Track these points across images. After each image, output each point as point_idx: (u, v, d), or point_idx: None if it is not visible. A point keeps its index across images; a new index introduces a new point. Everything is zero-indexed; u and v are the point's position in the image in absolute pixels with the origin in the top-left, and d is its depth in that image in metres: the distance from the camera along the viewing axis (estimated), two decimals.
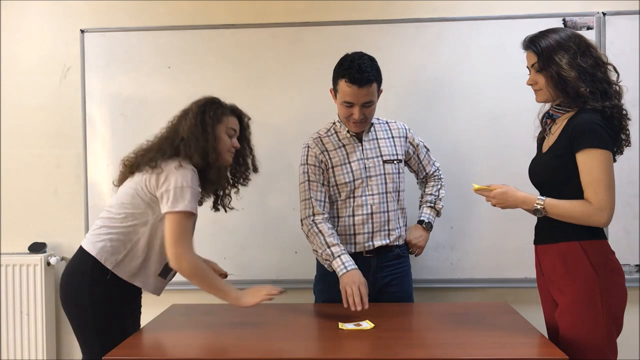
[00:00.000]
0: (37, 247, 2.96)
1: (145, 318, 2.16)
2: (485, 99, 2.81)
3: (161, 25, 2.92)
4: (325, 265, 2.27)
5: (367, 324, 1.96)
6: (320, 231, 2.26)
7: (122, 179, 2.12)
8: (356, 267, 2.19)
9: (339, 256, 2.21)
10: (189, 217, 1.98)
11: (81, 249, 2.04)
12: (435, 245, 2.84)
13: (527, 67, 1.97)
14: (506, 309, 2.20)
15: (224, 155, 2.13)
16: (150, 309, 2.27)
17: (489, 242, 2.82)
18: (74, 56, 2.92)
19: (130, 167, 2.08)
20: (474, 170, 2.79)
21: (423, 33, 2.84)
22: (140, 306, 2.21)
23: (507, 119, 2.79)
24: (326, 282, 2.32)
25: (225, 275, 2.28)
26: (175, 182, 1.95)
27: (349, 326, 1.95)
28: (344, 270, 2.17)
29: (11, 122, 2.99)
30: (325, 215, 2.31)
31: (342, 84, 2.23)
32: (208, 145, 2.04)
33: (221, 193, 2.26)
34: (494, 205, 1.97)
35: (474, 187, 1.98)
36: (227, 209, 2.30)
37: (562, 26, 2.70)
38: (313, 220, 2.30)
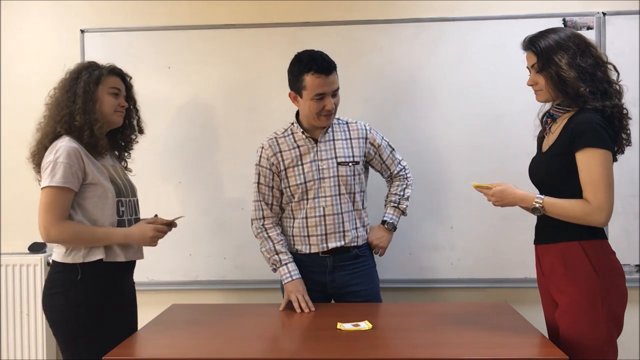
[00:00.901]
0: (37, 247, 2.96)
1: (146, 318, 2.15)
2: (485, 99, 2.81)
3: (161, 25, 2.92)
4: (271, 269, 2.37)
5: (365, 325, 1.96)
6: (269, 237, 2.36)
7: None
8: (300, 276, 2.31)
9: (285, 264, 2.32)
10: (56, 190, 1.97)
11: (52, 264, 2.07)
12: (435, 245, 2.84)
13: (527, 67, 1.97)
14: (506, 309, 2.20)
15: (109, 116, 2.12)
16: (151, 309, 2.27)
17: (489, 242, 2.82)
18: (74, 56, 2.91)
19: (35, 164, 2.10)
20: (473, 170, 2.79)
21: (423, 33, 2.84)
22: (133, 305, 2.21)
23: (507, 119, 2.79)
24: None
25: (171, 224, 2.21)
26: (46, 158, 2.00)
27: (347, 326, 1.95)
28: (289, 279, 2.29)
29: (11, 122, 2.99)
30: (274, 219, 2.39)
31: (310, 78, 2.25)
32: (75, 109, 2.04)
33: (123, 155, 2.29)
34: (494, 204, 1.97)
35: (474, 185, 1.98)
36: (128, 171, 2.31)
37: (562, 26, 2.70)
38: (263, 225, 2.38)
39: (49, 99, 2.13)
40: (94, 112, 2.06)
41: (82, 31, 2.93)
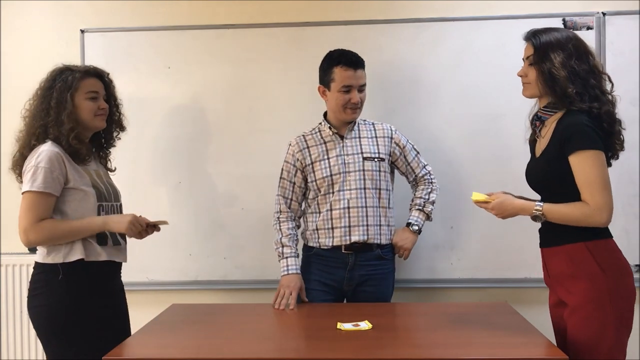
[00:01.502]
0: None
1: (145, 318, 2.15)
2: (485, 99, 2.81)
3: (161, 25, 2.91)
4: (277, 259, 2.45)
5: (365, 325, 1.96)
6: (280, 229, 2.47)
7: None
8: (298, 271, 2.39)
9: (286, 258, 2.41)
10: (37, 195, 1.96)
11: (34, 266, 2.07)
12: (435, 245, 2.84)
13: (522, 58, 1.97)
14: (506, 309, 2.20)
15: (90, 122, 2.08)
16: (151, 309, 2.27)
17: (489, 242, 2.82)
18: (74, 56, 2.91)
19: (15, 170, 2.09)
20: (473, 171, 2.79)
21: (423, 33, 2.84)
22: (122, 307, 2.19)
23: (506, 119, 2.78)
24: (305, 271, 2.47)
25: (155, 228, 2.15)
26: (28, 163, 2.00)
27: (348, 326, 1.95)
28: (285, 272, 2.39)
29: (11, 122, 2.97)
30: (290, 214, 2.50)
31: (339, 71, 2.38)
32: (48, 121, 2.01)
33: (102, 154, 2.25)
34: (495, 215, 1.97)
35: (473, 198, 1.98)
36: (110, 171, 2.28)
37: (562, 26, 2.70)
38: (278, 218, 2.49)
39: (24, 111, 2.10)
40: (67, 123, 2.01)
41: (82, 31, 2.93)
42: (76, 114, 2.05)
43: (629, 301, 1.84)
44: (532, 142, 2.04)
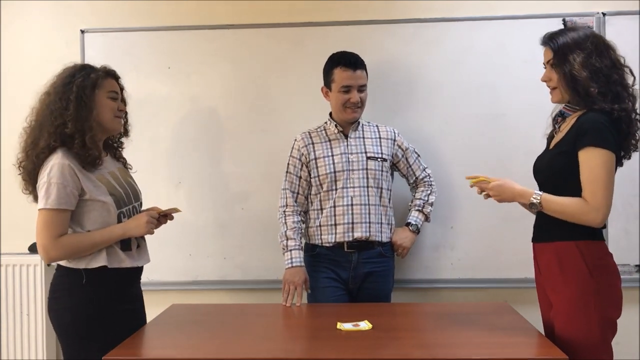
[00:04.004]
0: (37, 248, 2.95)
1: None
2: (485, 99, 2.81)
3: (161, 25, 2.92)
4: (282, 252, 2.49)
5: (365, 325, 1.96)
6: (285, 222, 2.50)
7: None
8: (302, 264, 2.43)
9: (290, 250, 2.44)
10: (52, 212, 1.92)
11: (57, 268, 2.05)
12: (435, 245, 2.84)
13: (543, 63, 1.96)
14: (506, 309, 2.20)
15: (109, 123, 2.04)
16: (151, 309, 2.26)
17: (489, 242, 2.82)
18: (74, 56, 2.90)
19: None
20: (473, 171, 2.74)
21: (423, 33, 2.84)
22: (141, 311, 2.17)
23: (507, 119, 2.79)
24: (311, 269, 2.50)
25: (171, 215, 2.16)
26: (41, 179, 1.95)
27: (347, 326, 1.95)
28: (290, 265, 2.42)
29: (11, 122, 2.98)
30: (296, 208, 2.52)
31: (339, 72, 2.44)
32: (67, 115, 1.93)
33: (117, 153, 2.22)
34: (492, 197, 1.96)
35: (471, 180, 1.98)
36: (129, 169, 2.27)
37: (562, 27, 2.69)
38: (284, 211, 2.53)
39: (38, 104, 2.04)
40: (87, 120, 1.96)
41: (82, 31, 2.93)
42: (96, 113, 2.00)
43: (614, 304, 1.84)
44: (550, 138, 2.03)
